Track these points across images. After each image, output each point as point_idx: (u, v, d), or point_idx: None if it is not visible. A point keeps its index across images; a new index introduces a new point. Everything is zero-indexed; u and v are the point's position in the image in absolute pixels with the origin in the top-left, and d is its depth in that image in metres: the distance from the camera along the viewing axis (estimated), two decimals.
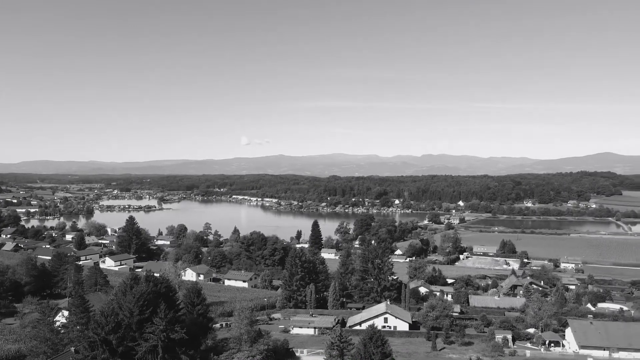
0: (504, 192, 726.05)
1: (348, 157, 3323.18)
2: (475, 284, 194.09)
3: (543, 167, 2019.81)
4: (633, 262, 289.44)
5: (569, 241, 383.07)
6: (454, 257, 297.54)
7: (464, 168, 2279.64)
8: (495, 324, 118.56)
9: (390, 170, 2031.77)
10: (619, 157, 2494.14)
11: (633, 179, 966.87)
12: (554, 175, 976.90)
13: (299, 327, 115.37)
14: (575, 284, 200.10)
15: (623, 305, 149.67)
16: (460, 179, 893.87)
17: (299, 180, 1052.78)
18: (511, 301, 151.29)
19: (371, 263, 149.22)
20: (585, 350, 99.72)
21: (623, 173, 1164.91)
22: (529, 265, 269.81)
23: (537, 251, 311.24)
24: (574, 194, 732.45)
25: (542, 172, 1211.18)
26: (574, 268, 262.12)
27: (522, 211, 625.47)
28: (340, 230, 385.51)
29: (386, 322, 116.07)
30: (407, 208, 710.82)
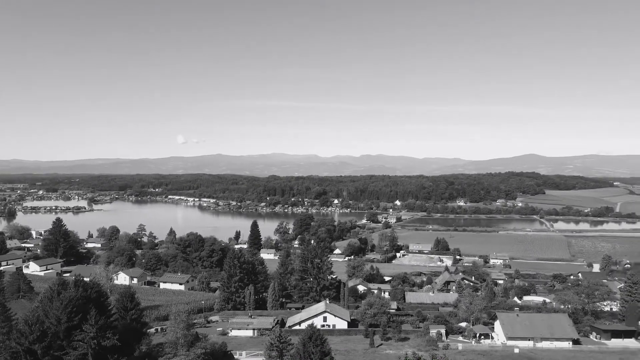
0: (438, 191, 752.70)
1: (288, 156, 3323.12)
2: (411, 280, 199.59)
3: (474, 168, 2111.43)
4: (555, 257, 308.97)
5: (497, 238, 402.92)
6: (391, 255, 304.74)
7: (401, 168, 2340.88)
8: (430, 319, 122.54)
9: (329, 170, 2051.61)
10: (543, 159, 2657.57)
11: (554, 179, 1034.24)
12: (484, 176, 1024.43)
13: (238, 329, 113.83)
14: (503, 278, 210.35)
15: (546, 298, 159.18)
16: (397, 179, 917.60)
17: (237, 180, 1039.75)
18: (445, 297, 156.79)
19: (310, 263, 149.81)
20: (512, 341, 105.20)
21: (546, 173, 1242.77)
22: (461, 261, 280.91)
23: (468, 248, 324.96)
24: (502, 193, 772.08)
25: (474, 173, 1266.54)
26: (502, 263, 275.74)
27: (455, 210, 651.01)
28: (280, 230, 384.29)
29: (325, 321, 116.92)
30: (346, 208, 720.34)
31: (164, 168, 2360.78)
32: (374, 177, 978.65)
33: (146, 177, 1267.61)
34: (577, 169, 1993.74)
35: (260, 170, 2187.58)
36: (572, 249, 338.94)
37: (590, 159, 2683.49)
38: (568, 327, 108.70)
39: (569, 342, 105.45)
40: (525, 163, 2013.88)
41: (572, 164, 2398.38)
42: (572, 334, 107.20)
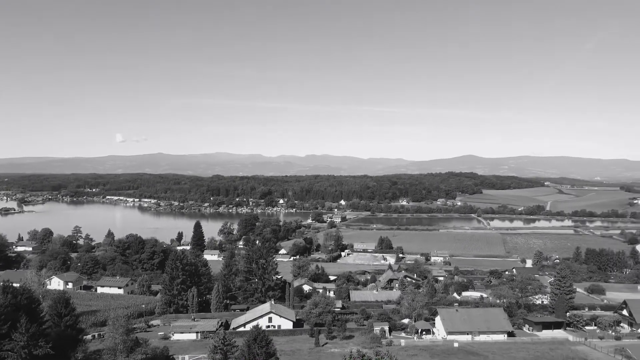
0: (382, 191, 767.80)
1: (232, 156, 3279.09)
2: (355, 279, 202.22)
3: (416, 168, 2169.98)
4: (491, 253, 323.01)
5: (438, 236, 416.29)
6: (336, 255, 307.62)
7: (346, 168, 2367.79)
8: (374, 316, 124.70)
9: (274, 170, 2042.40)
10: (480, 159, 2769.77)
11: (491, 179, 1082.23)
12: (425, 176, 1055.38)
13: (180, 333, 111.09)
14: (443, 275, 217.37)
15: (483, 293, 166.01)
16: (342, 179, 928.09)
17: (180, 179, 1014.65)
18: (388, 294, 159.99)
19: (255, 263, 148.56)
20: (452, 335, 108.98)
21: (483, 174, 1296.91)
22: (404, 259, 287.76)
23: (411, 246, 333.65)
24: (442, 193, 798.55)
25: (416, 173, 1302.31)
26: (442, 261, 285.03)
27: (398, 209, 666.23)
28: (224, 231, 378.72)
29: (271, 321, 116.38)
30: (292, 207, 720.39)
31: (102, 167, 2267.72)
32: (319, 177, 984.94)
33: (82, 176, 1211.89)
34: (512, 169, 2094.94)
35: (203, 169, 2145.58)
36: (507, 246, 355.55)
37: (523, 160, 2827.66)
38: (503, 321, 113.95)
39: (504, 334, 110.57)
40: (464, 164, 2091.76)
41: (507, 165, 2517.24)
42: (507, 326, 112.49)
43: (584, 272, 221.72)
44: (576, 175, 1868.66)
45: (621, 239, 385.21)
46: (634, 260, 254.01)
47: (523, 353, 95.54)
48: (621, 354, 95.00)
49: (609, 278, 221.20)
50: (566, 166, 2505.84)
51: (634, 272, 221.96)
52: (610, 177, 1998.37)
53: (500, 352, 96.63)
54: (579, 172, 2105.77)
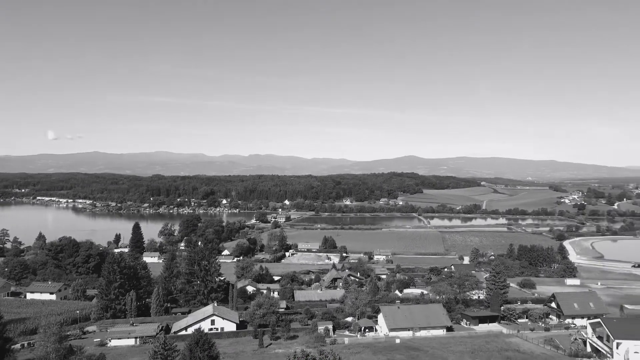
0: (326, 191, 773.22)
1: (173, 155, 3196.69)
2: (300, 279, 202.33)
3: (360, 168, 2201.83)
4: (431, 251, 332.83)
5: (381, 235, 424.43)
6: (281, 255, 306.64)
7: (290, 168, 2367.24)
8: (318, 316, 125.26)
9: (217, 170, 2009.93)
10: (421, 160, 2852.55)
11: (431, 179, 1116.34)
12: (368, 176, 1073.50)
13: (118, 339, 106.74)
14: (386, 273, 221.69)
15: (424, 290, 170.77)
16: (286, 178, 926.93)
17: (117, 179, 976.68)
18: (332, 293, 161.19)
19: (197, 265, 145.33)
20: (394, 332, 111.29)
21: (424, 174, 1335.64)
22: (348, 258, 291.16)
23: (354, 245, 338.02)
24: (385, 193, 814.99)
25: (359, 173, 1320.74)
26: (385, 259, 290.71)
27: (342, 209, 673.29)
28: (165, 232, 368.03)
29: (213, 324, 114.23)
30: (235, 208, 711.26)
31: (32, 166, 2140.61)
32: (263, 177, 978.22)
33: (10, 176, 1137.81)
34: (451, 170, 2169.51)
35: (142, 169, 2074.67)
36: (446, 244, 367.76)
37: (461, 161, 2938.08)
38: (442, 316, 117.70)
39: (443, 329, 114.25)
40: (406, 164, 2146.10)
41: (446, 165, 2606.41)
42: (446, 321, 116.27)
43: (516, 268, 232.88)
44: (510, 175, 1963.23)
45: (550, 235, 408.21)
46: (561, 255, 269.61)
47: (461, 347, 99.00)
48: (550, 344, 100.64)
49: (539, 273, 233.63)
50: (500, 167, 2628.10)
51: (562, 267, 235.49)
52: (540, 177, 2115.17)
53: (440, 346, 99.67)
54: (512, 173, 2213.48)
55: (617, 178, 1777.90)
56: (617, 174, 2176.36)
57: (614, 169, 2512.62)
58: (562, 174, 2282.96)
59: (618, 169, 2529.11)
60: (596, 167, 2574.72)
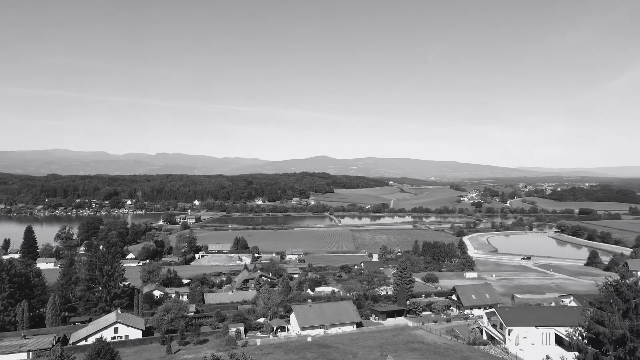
0: (238, 191, 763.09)
1: (71, 153, 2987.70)
2: (210, 281, 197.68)
3: (272, 168, 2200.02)
4: (342, 249, 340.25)
5: (293, 234, 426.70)
6: (190, 257, 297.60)
7: (200, 167, 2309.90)
8: (229, 318, 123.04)
9: (121, 169, 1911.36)
10: (332, 160, 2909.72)
11: (342, 179, 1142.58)
12: (280, 176, 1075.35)
13: (7, 354, 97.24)
14: (298, 272, 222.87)
15: (335, 288, 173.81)
16: (196, 178, 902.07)
17: (6, 179, 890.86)
18: (244, 295, 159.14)
19: (99, 270, 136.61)
20: (306, 330, 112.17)
21: (335, 174, 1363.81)
22: (260, 259, 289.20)
23: (266, 245, 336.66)
24: (297, 192, 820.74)
25: (271, 173, 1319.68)
26: (297, 258, 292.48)
27: (254, 209, 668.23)
28: (62, 236, 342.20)
29: (117, 332, 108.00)
30: (141, 209, 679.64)
31: None
32: (171, 176, 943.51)
33: None
34: (360, 170, 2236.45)
35: (36, 168, 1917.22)
36: (356, 242, 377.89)
37: (370, 161, 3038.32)
38: (352, 312, 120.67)
39: (353, 325, 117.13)
40: (317, 164, 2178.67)
41: (356, 165, 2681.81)
42: (355, 318, 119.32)
43: (421, 263, 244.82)
44: (415, 175, 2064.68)
45: (451, 232, 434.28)
46: (461, 250, 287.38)
47: (370, 341, 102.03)
48: (451, 335, 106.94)
49: (441, 267, 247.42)
50: (407, 167, 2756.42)
51: (461, 261, 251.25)
52: (442, 177, 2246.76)
53: (350, 342, 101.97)
54: (418, 173, 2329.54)
55: (510, 178, 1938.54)
56: (510, 174, 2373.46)
57: (506, 170, 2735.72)
58: (462, 174, 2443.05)
59: (510, 170, 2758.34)
60: (492, 168, 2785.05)
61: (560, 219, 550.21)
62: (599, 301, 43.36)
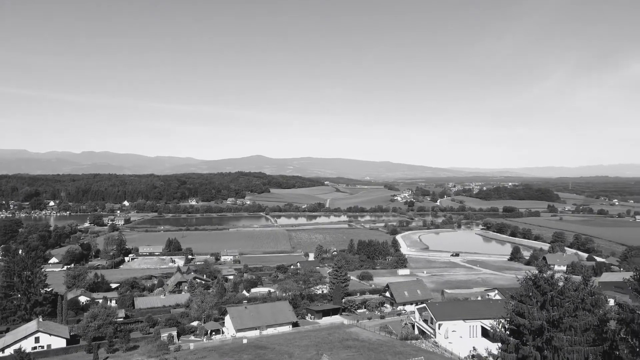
0: (170, 191, 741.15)
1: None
2: (141, 285, 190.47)
3: (207, 167, 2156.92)
4: (279, 249, 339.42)
5: (228, 235, 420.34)
6: (119, 260, 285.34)
7: (130, 167, 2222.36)
8: (161, 322, 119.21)
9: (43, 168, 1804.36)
10: (268, 160, 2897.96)
11: (278, 178, 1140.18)
12: (215, 175, 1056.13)
13: None
14: (233, 274, 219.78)
15: (271, 288, 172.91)
16: (126, 178, 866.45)
17: None
18: (177, 298, 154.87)
19: (18, 276, 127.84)
20: (241, 332, 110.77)
21: (271, 173, 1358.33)
22: (194, 261, 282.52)
23: (201, 247, 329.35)
24: (232, 192, 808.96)
25: (206, 172, 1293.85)
26: (232, 259, 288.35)
27: (188, 209, 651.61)
28: None
29: (38, 341, 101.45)
30: (65, 210, 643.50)
31: None
32: (98, 176, 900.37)
33: None
34: (296, 170, 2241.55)
35: None
36: (292, 242, 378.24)
37: (306, 161, 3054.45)
38: (288, 312, 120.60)
39: (289, 325, 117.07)
40: (253, 164, 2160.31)
41: (292, 165, 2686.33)
42: (292, 317, 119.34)
43: (356, 262, 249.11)
44: (350, 175, 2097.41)
45: (385, 230, 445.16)
46: (394, 248, 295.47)
47: (306, 341, 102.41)
48: (384, 331, 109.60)
49: (376, 265, 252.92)
50: (342, 167, 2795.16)
51: (395, 259, 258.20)
52: (377, 176, 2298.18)
53: (286, 342, 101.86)
54: (353, 173, 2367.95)
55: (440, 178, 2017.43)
56: (440, 174, 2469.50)
57: (437, 170, 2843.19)
58: (395, 174, 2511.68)
59: (441, 170, 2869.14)
60: (423, 168, 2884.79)
61: (486, 216, 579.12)
62: (520, 294, 46.00)
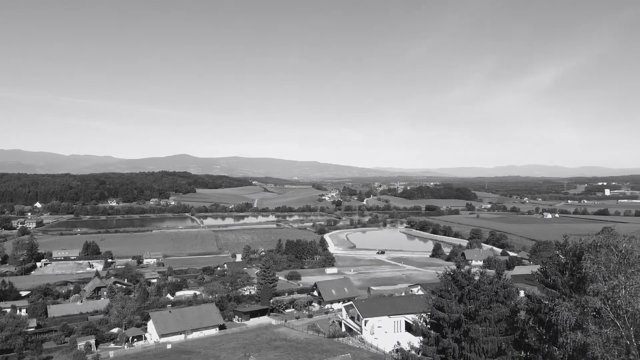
0: (88, 191, 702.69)
1: None
2: (55, 292, 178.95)
3: (127, 167, 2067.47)
4: (205, 251, 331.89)
5: (152, 237, 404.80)
6: (31, 266, 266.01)
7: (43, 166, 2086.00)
8: (78, 331, 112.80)
9: None
10: (194, 159, 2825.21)
11: (204, 178, 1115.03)
12: (137, 175, 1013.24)
13: None
14: (157, 277, 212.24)
15: (197, 291, 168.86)
16: (38, 177, 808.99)
17: None
18: (95, 304, 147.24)
19: None
20: (165, 337, 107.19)
21: (197, 173, 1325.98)
22: (114, 264, 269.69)
23: (122, 250, 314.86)
24: (155, 193, 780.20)
25: (127, 172, 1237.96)
26: (156, 262, 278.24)
27: (107, 211, 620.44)
28: None
29: None
30: None
31: None
32: (6, 175, 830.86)
33: None
34: (223, 169, 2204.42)
35: None
36: (219, 243, 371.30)
37: (233, 161, 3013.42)
38: (215, 315, 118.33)
39: (216, 328, 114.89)
40: (178, 163, 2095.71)
41: (219, 165, 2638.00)
42: (218, 320, 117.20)
43: (284, 262, 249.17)
44: (279, 175, 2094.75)
45: (313, 230, 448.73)
46: (322, 247, 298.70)
47: (233, 343, 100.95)
48: (312, 329, 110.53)
49: (304, 265, 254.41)
50: (270, 167, 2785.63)
51: (323, 258, 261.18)
52: (305, 176, 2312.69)
53: (212, 346, 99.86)
54: (281, 172, 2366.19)
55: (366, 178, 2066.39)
56: (366, 174, 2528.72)
57: (363, 170, 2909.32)
58: (323, 174, 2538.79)
59: (367, 170, 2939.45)
60: (350, 168, 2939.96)
61: (410, 215, 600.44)
62: (440, 289, 48.13)
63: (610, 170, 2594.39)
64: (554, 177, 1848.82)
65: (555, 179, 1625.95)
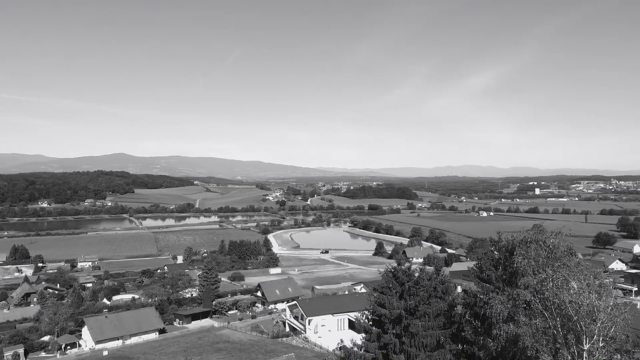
0: (16, 192, 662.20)
1: None
2: None
3: (60, 166, 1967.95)
4: (144, 253, 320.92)
5: (86, 239, 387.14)
6: None
7: None
8: (5, 340, 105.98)
9: None
10: (132, 158, 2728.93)
11: (144, 178, 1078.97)
12: (71, 174, 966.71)
13: None
14: (92, 281, 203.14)
15: (135, 294, 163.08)
16: None
17: None
18: (24, 311, 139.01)
19: None
20: (101, 344, 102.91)
21: (135, 172, 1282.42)
22: (45, 269, 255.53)
23: (53, 253, 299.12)
24: (91, 193, 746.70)
25: (59, 171, 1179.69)
26: (91, 266, 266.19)
27: (37, 212, 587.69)
28: None
29: None
30: None
31: None
32: None
33: None
34: (164, 169, 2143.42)
35: None
36: (159, 244, 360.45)
37: (174, 160, 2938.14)
38: (155, 319, 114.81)
39: (155, 332, 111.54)
40: (115, 162, 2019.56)
41: (159, 164, 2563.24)
42: (158, 324, 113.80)
43: (228, 263, 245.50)
44: (221, 174, 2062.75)
45: (257, 230, 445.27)
46: (266, 247, 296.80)
47: (174, 347, 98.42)
48: (256, 330, 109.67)
49: (247, 265, 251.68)
50: (213, 166, 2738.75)
51: (267, 258, 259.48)
52: (248, 176, 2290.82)
53: (152, 350, 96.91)
54: (224, 172, 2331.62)
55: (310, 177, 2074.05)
56: (310, 174, 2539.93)
57: (307, 170, 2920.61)
58: (267, 174, 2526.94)
59: (311, 170, 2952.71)
60: (294, 168, 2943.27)
61: (353, 214, 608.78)
62: (381, 286, 49.10)
63: (539, 170, 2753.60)
64: (489, 177, 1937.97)
65: (490, 179, 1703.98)
